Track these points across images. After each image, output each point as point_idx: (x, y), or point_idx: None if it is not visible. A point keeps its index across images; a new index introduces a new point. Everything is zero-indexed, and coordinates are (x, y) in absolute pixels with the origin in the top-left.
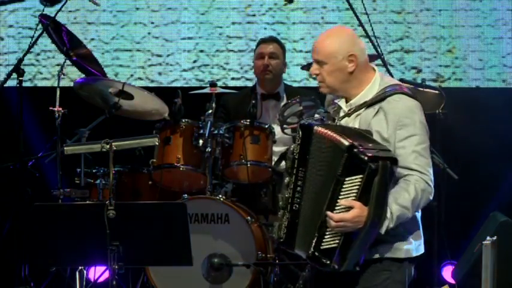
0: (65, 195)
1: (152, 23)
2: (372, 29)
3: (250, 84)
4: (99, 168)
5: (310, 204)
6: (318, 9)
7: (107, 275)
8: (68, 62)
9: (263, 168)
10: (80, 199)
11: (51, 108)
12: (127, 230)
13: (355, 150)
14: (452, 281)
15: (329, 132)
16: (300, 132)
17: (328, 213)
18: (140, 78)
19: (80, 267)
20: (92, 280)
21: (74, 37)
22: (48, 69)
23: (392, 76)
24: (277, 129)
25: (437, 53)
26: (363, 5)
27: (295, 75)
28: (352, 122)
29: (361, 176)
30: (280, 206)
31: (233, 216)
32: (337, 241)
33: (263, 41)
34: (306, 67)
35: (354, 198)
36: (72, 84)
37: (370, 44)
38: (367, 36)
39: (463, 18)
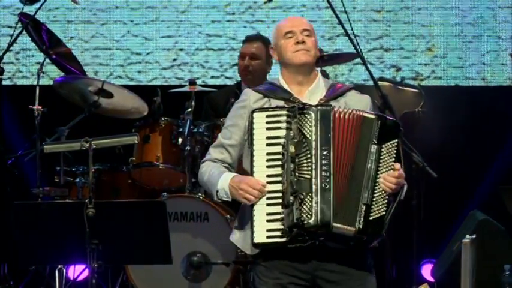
0: (44, 194)
1: (132, 21)
2: (351, 28)
3: (229, 82)
4: (79, 166)
5: (345, 181)
6: (298, 7)
7: (86, 273)
8: (47, 60)
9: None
10: (59, 198)
11: (30, 106)
12: (106, 229)
13: (383, 118)
14: (431, 279)
15: (351, 110)
16: (314, 115)
17: (384, 175)
18: (120, 77)
19: (59, 266)
20: (71, 279)
21: (53, 35)
22: (28, 68)
23: (371, 75)
24: None
25: (416, 51)
26: (342, 3)
27: (275, 74)
28: None
29: (396, 140)
30: (294, 190)
31: (212, 214)
32: (383, 209)
33: (247, 40)
34: None
35: (392, 163)
36: (51, 82)
37: (350, 42)
38: (347, 34)
39: (443, 17)
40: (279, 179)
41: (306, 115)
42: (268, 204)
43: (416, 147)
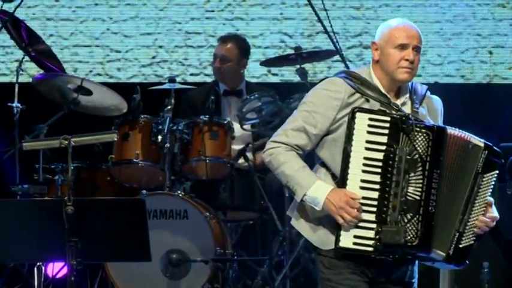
0: (23, 191)
1: (111, 18)
2: (331, 25)
3: (209, 79)
4: (58, 164)
5: (446, 205)
6: (277, 5)
7: (65, 271)
8: (26, 57)
9: (222, 164)
10: (38, 195)
11: (9, 104)
12: (85, 226)
13: (492, 147)
14: None
15: (462, 134)
16: (431, 135)
17: (483, 218)
18: (99, 74)
19: (38, 263)
20: (50, 276)
21: (32, 33)
22: (7, 65)
23: None
24: (237, 126)
25: None
26: (322, 1)
27: (254, 71)
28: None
29: (496, 171)
30: (402, 209)
31: (192, 212)
32: (473, 238)
33: (220, 40)
34: (265, 63)
35: (489, 193)
36: (31, 80)
37: (329, 39)
38: (326, 32)
39: (422, 14)
40: (375, 186)
41: (424, 134)
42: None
43: None
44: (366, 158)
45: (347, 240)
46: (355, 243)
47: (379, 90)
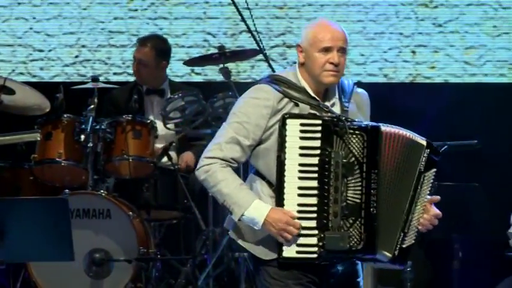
0: None
1: (34, 18)
2: (254, 24)
3: (132, 79)
4: None
5: (388, 205)
6: (201, 4)
7: None
8: None
9: (145, 163)
10: None
11: None
12: (8, 226)
13: (431, 145)
14: None
15: (401, 131)
16: (365, 135)
17: (427, 216)
18: (22, 73)
19: None
20: None
21: None
22: None
23: (274, 72)
24: (160, 125)
25: None
26: (245, 0)
27: (177, 70)
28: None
29: (435, 169)
30: (344, 214)
31: (115, 211)
32: (414, 237)
33: (138, 43)
34: (189, 62)
35: (429, 191)
36: None
37: (252, 39)
38: (249, 31)
39: (345, 13)
40: (313, 192)
41: (358, 135)
42: (300, 218)
43: None
44: (301, 165)
45: (290, 249)
46: (298, 252)
47: (307, 93)
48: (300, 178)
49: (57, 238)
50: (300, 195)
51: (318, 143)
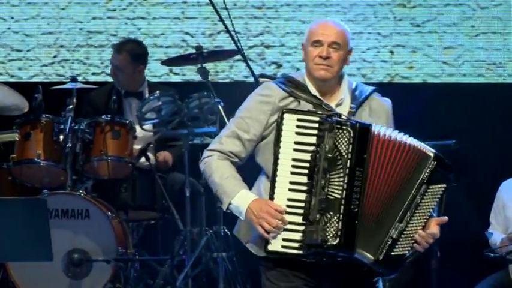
0: None
1: (12, 18)
2: (232, 24)
3: (110, 79)
4: None
5: (376, 206)
6: (179, 4)
7: None
8: None
9: (123, 164)
10: None
11: None
12: None
13: (442, 158)
14: None
15: (394, 136)
16: (352, 132)
17: (422, 233)
18: (0, 74)
19: None
20: None
21: None
22: None
23: (252, 72)
24: (138, 127)
25: (297, 48)
26: (223, 0)
27: (155, 71)
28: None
29: (445, 185)
30: (321, 208)
31: (93, 211)
32: (408, 249)
33: (113, 49)
34: (167, 62)
35: (434, 206)
36: None
37: (231, 39)
38: (227, 31)
39: (323, 13)
40: (302, 188)
41: (345, 131)
42: (288, 213)
43: None
44: (294, 160)
45: (275, 243)
46: (283, 246)
47: (309, 92)
48: (292, 173)
49: (35, 238)
50: (290, 189)
51: (313, 140)
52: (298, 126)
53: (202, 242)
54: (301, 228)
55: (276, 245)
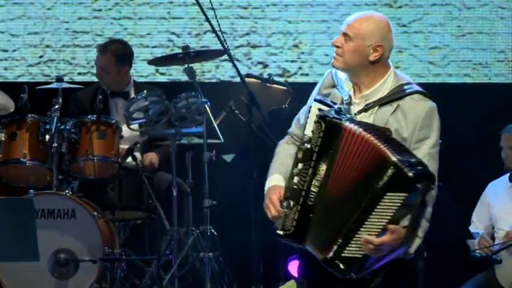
0: None
1: None
2: (219, 24)
3: (96, 79)
4: None
5: (331, 205)
6: (165, 4)
7: None
8: None
9: (110, 164)
10: None
11: None
12: None
13: (402, 166)
14: None
15: (364, 133)
16: (323, 125)
17: (367, 237)
18: None
19: None
20: None
21: None
22: None
23: (239, 72)
24: (125, 127)
25: (283, 48)
26: (210, 0)
27: (142, 71)
28: (367, 118)
29: (405, 194)
30: (287, 196)
31: (79, 211)
32: (361, 253)
33: (98, 50)
34: (153, 62)
35: (391, 214)
36: None
37: (217, 39)
38: (214, 31)
39: (309, 13)
40: (295, 177)
41: (320, 125)
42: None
43: None
44: (299, 149)
45: (278, 229)
46: (280, 233)
47: (342, 84)
48: (298, 163)
49: (22, 238)
50: (294, 178)
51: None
52: (316, 116)
53: (188, 242)
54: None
55: (278, 231)
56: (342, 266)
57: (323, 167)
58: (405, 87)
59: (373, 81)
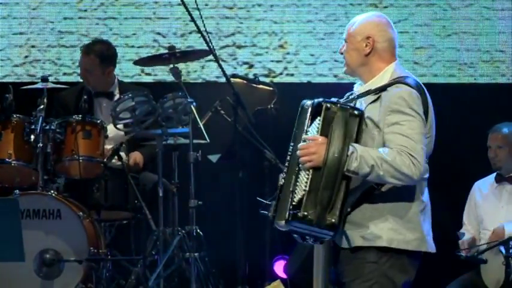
0: None
1: None
2: (204, 25)
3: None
4: None
5: (290, 174)
6: (150, 4)
7: None
8: None
9: (95, 164)
10: None
11: None
12: None
13: (316, 100)
14: (284, 276)
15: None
16: (310, 110)
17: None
18: None
19: None
20: None
21: None
22: None
23: (224, 72)
24: (110, 127)
25: (269, 48)
26: (195, 0)
27: (127, 71)
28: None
29: (319, 117)
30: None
31: (65, 211)
32: (304, 188)
33: (82, 51)
34: (138, 62)
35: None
36: None
37: (202, 39)
38: (199, 31)
39: (295, 14)
40: None
41: (305, 108)
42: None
43: (269, 144)
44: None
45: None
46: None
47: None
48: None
49: (7, 238)
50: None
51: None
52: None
53: (174, 242)
54: None
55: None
56: (298, 213)
57: (291, 148)
58: (398, 79)
59: (371, 75)
